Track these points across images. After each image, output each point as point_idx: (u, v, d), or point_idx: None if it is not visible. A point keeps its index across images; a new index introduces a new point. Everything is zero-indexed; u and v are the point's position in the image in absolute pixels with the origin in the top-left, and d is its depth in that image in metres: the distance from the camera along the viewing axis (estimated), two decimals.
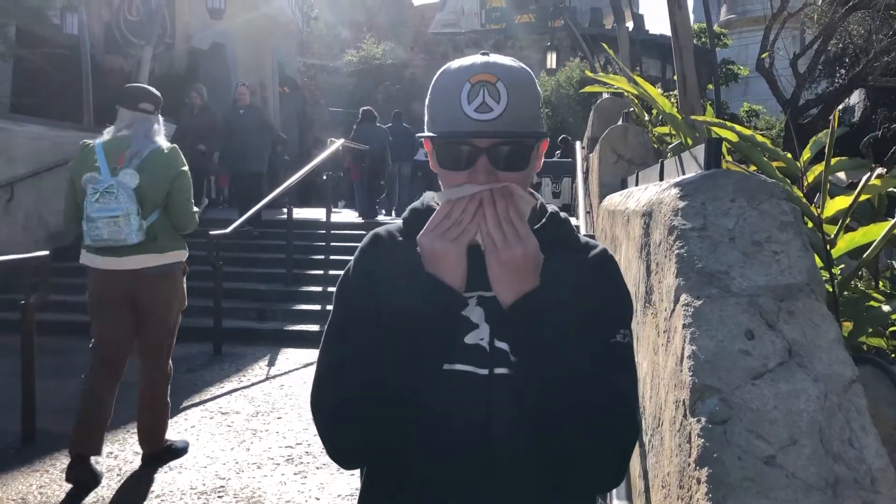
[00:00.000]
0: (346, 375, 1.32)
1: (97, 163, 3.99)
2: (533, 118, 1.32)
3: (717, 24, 28.47)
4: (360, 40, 29.66)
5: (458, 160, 1.29)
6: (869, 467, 1.45)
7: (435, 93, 1.33)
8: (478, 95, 1.26)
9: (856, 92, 13.62)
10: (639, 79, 4.68)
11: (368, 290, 1.37)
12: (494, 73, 1.27)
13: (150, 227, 4.01)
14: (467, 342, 1.32)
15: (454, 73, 1.31)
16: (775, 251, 1.79)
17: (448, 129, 1.28)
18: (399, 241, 1.42)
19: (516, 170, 1.30)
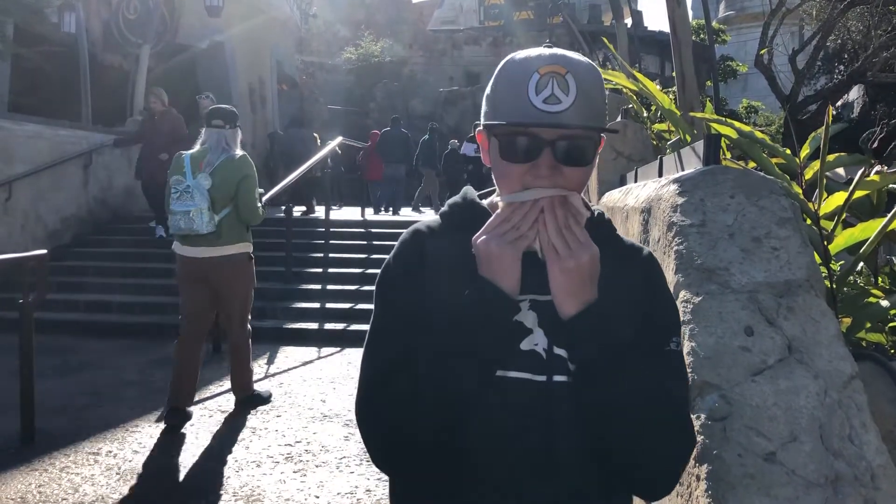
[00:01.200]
0: (398, 380, 1.27)
1: (185, 168, 4.89)
2: (599, 113, 1.28)
3: (716, 20, 28.43)
4: (358, 38, 29.64)
5: (521, 152, 1.25)
6: (869, 464, 1.44)
7: (499, 82, 1.29)
8: (546, 86, 1.22)
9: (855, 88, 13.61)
10: (638, 75, 4.67)
11: (414, 287, 1.31)
12: (564, 65, 1.24)
13: (220, 221, 4.86)
14: (523, 348, 1.28)
15: (521, 63, 1.27)
16: (774, 247, 1.78)
17: (513, 118, 1.24)
18: (441, 236, 1.37)
19: (580, 165, 1.26)
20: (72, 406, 4.34)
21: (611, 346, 1.25)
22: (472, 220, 1.32)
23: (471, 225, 1.31)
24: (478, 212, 1.36)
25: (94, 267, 9.61)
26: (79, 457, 4.43)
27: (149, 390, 5.84)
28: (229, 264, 4.95)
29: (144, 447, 4.66)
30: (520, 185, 1.27)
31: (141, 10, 13.55)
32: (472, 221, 1.31)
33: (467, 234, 1.29)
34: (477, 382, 1.24)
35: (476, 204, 1.38)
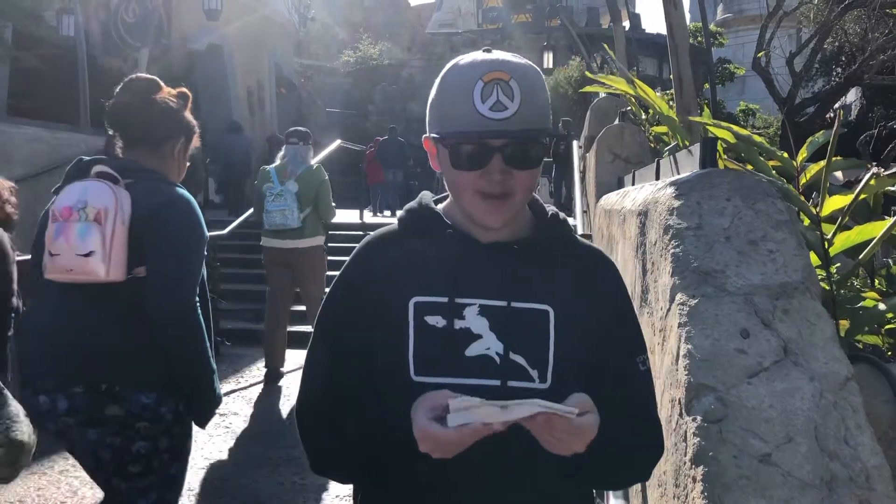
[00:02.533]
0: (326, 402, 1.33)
1: (272, 178, 6.10)
2: (545, 115, 1.30)
3: (714, 23, 28.49)
4: (356, 41, 29.65)
5: (472, 160, 1.26)
6: (864, 465, 1.45)
7: (443, 91, 1.30)
8: (492, 94, 1.23)
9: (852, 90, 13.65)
10: (637, 81, 4.69)
11: (354, 307, 1.35)
12: (507, 70, 1.26)
13: (304, 218, 6.02)
14: (469, 355, 1.28)
15: (463, 70, 1.28)
16: (771, 250, 1.79)
17: (461, 128, 1.25)
18: (395, 243, 1.39)
19: (529, 168, 1.28)
20: None
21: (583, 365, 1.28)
22: (427, 225, 1.36)
23: (425, 229, 1.35)
24: (432, 216, 1.38)
25: None
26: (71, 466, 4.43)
27: None
28: (308, 253, 6.11)
29: None
30: (472, 192, 1.28)
31: (139, 13, 13.56)
32: (427, 226, 1.36)
33: (422, 238, 1.35)
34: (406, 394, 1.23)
35: (430, 209, 1.39)
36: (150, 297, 2.31)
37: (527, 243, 1.35)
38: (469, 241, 1.33)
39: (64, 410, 2.32)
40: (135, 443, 2.34)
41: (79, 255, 2.25)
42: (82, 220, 2.27)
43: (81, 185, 2.35)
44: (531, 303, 1.30)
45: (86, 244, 2.25)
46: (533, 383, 1.27)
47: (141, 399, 2.31)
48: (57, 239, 2.28)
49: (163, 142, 2.58)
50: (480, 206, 1.29)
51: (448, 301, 1.29)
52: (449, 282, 1.30)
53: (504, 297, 1.29)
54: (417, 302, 1.30)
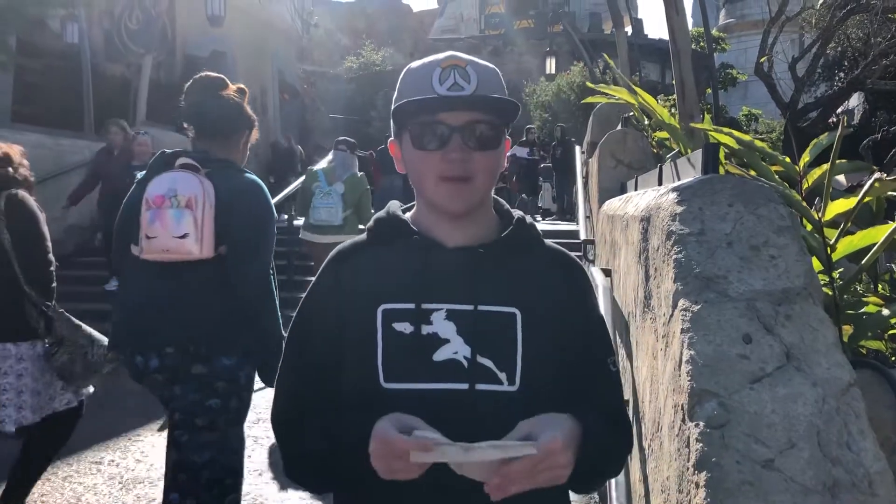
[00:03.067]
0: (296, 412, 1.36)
1: (319, 178, 6.79)
2: (505, 99, 1.33)
3: (716, 28, 28.51)
4: (359, 47, 29.73)
5: (432, 139, 1.29)
6: (867, 471, 1.45)
7: (404, 85, 1.35)
8: (449, 77, 1.28)
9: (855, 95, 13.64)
10: (639, 90, 4.69)
11: (324, 317, 1.36)
12: (462, 59, 1.32)
13: (345, 217, 6.64)
14: (437, 359, 1.28)
15: (421, 64, 1.35)
16: (773, 255, 1.79)
17: (421, 107, 1.29)
18: (362, 253, 1.40)
19: (488, 149, 1.31)
20: None
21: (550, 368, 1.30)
22: (394, 232, 1.38)
23: (392, 237, 1.37)
24: (398, 223, 1.39)
25: (96, 276, 9.63)
26: (81, 466, 4.44)
27: (151, 399, 5.82)
28: None
29: (147, 456, 4.67)
30: (434, 176, 1.30)
31: (143, 20, 13.61)
32: (394, 233, 1.38)
33: (389, 245, 1.37)
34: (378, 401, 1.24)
35: (397, 216, 1.40)
36: (235, 269, 2.69)
37: (492, 246, 1.36)
38: (435, 246, 1.35)
39: (154, 368, 2.70)
40: (210, 399, 2.72)
41: (175, 237, 2.59)
42: (174, 206, 2.60)
43: (170, 176, 2.67)
44: (498, 305, 1.31)
45: (180, 227, 2.59)
46: (501, 385, 1.28)
47: (223, 361, 2.67)
48: (153, 224, 2.62)
49: (233, 133, 2.90)
50: (443, 190, 1.30)
51: (415, 307, 1.30)
52: (415, 288, 1.31)
53: (470, 301, 1.30)
54: (385, 309, 1.31)
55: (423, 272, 1.32)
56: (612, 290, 3.34)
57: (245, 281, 2.70)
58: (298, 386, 1.38)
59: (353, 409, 1.28)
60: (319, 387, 1.34)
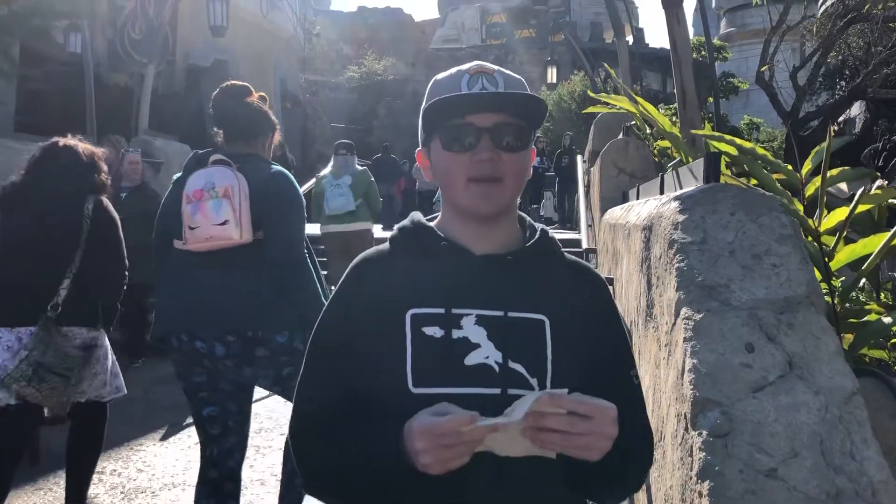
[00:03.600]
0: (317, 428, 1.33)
1: (326, 178, 7.63)
2: (534, 98, 1.34)
3: (717, 37, 28.56)
4: (361, 56, 29.83)
5: (462, 140, 1.31)
6: (870, 479, 1.45)
7: (432, 93, 1.36)
8: (478, 82, 1.31)
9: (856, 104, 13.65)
10: (640, 100, 4.71)
11: (346, 330, 1.35)
12: (490, 67, 1.34)
13: (358, 204, 7.38)
14: (468, 364, 1.28)
15: (448, 74, 1.37)
16: (775, 264, 1.80)
17: (450, 109, 1.30)
18: (386, 263, 1.39)
19: (517, 150, 1.32)
20: None
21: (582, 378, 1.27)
22: (420, 240, 1.37)
23: (419, 244, 1.37)
24: (425, 231, 1.39)
25: None
26: None
27: (153, 408, 5.84)
28: (362, 235, 7.33)
29: (149, 465, 4.66)
30: (464, 179, 1.31)
31: (146, 30, 13.66)
32: (420, 241, 1.37)
33: (415, 254, 1.36)
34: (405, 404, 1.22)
35: (423, 224, 1.40)
36: (273, 250, 2.90)
37: (520, 255, 1.36)
38: (463, 253, 1.35)
39: (222, 355, 2.87)
40: (284, 369, 2.93)
41: (215, 224, 2.82)
42: (213, 197, 2.83)
43: (205, 171, 2.92)
44: (527, 312, 1.31)
45: (220, 215, 2.82)
46: (533, 391, 1.26)
47: (277, 339, 2.86)
48: (195, 215, 2.84)
49: (258, 136, 3.15)
50: (473, 192, 1.31)
51: (445, 311, 1.29)
52: (444, 293, 1.31)
53: (500, 307, 1.30)
54: (414, 314, 1.29)
55: (451, 277, 1.32)
56: (615, 299, 3.33)
57: (283, 259, 2.92)
58: (321, 396, 1.35)
59: (381, 418, 1.25)
60: (343, 396, 1.32)
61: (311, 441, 1.34)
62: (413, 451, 1.15)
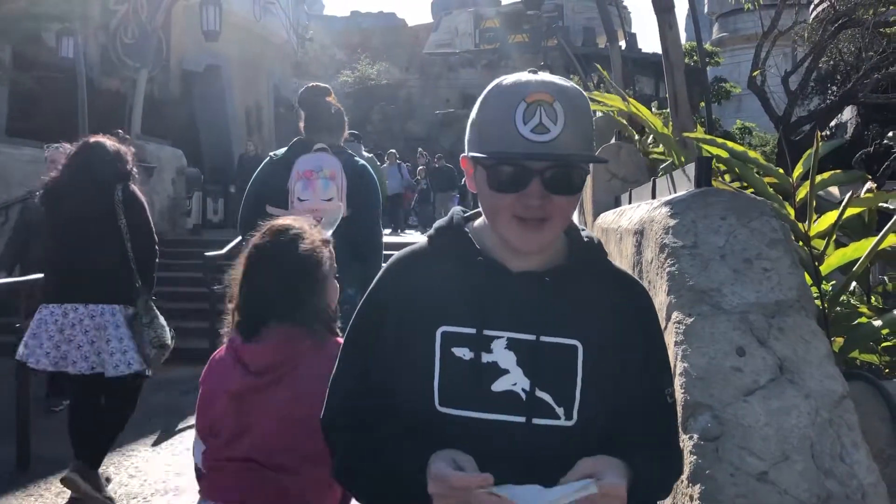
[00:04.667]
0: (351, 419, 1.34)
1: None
2: (587, 140, 1.27)
3: (710, 42, 28.67)
4: (355, 61, 29.84)
5: (510, 182, 1.23)
6: (860, 482, 1.46)
7: (485, 110, 1.26)
8: (534, 115, 1.20)
9: (847, 108, 13.71)
10: (632, 100, 4.72)
11: (382, 324, 1.33)
12: (551, 92, 1.22)
13: None
14: (495, 390, 1.25)
15: (507, 89, 1.25)
16: (765, 268, 1.80)
17: (501, 149, 1.22)
18: (424, 264, 1.36)
19: (568, 193, 1.25)
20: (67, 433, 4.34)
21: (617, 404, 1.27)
22: (457, 248, 1.33)
23: (455, 252, 1.32)
24: (462, 240, 1.34)
25: None
26: None
27: (145, 414, 5.80)
28: None
29: (141, 471, 4.64)
30: (509, 215, 1.25)
31: (138, 35, 13.63)
32: (457, 249, 1.32)
33: (451, 261, 1.31)
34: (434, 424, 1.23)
35: (461, 230, 1.36)
36: (360, 225, 3.45)
37: (558, 273, 1.31)
38: (499, 270, 1.30)
39: None
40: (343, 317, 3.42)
41: (323, 200, 3.39)
42: (322, 177, 3.41)
43: (314, 156, 3.47)
44: (560, 337, 1.27)
45: (327, 193, 3.40)
46: (559, 420, 1.25)
47: (348, 291, 3.03)
48: (305, 191, 3.40)
49: (337, 129, 3.67)
50: (516, 230, 1.25)
51: (476, 333, 1.26)
52: (477, 312, 1.27)
53: (533, 331, 1.26)
54: (445, 332, 1.27)
55: (485, 296, 1.28)
56: None
57: (367, 233, 3.50)
58: (354, 392, 1.35)
59: (408, 431, 1.26)
60: (375, 397, 1.31)
61: (344, 439, 1.35)
62: (428, 488, 1.17)
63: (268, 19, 18.58)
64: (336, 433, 1.37)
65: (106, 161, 4.07)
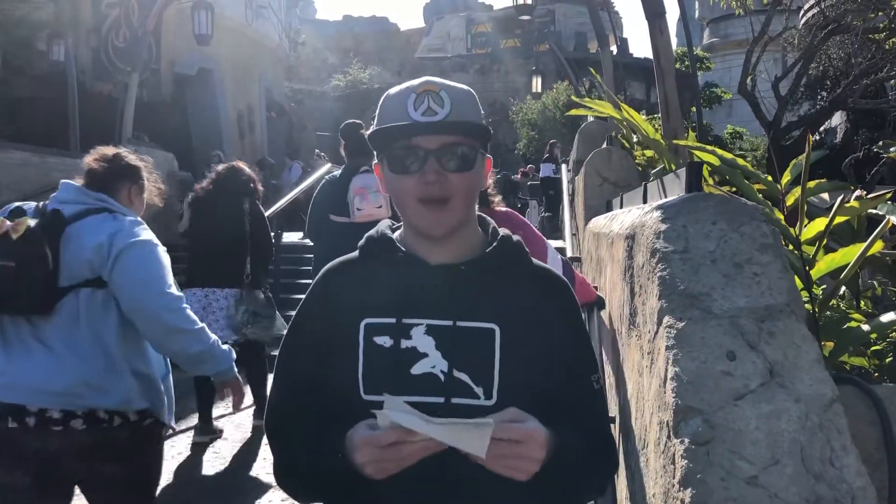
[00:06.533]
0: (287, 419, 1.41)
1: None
2: (475, 123, 1.37)
3: (701, 47, 28.81)
4: (347, 65, 29.86)
5: (408, 162, 1.33)
6: (850, 486, 1.46)
7: (382, 110, 1.39)
8: (423, 103, 1.32)
9: (837, 114, 13.79)
10: (624, 106, 4.74)
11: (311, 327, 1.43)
12: (437, 85, 1.35)
13: None
14: (414, 373, 1.33)
15: (398, 90, 1.38)
16: (756, 273, 1.81)
17: (396, 132, 1.33)
18: (352, 269, 1.46)
19: (463, 171, 1.34)
20: None
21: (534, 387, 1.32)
22: (380, 249, 1.43)
23: (379, 254, 1.42)
24: (385, 241, 1.44)
25: None
26: None
27: None
28: None
29: None
30: (413, 199, 1.34)
31: (130, 38, 13.61)
32: (380, 250, 1.43)
33: (375, 262, 1.42)
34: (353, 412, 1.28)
35: (385, 235, 1.45)
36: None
37: (475, 264, 1.39)
38: (418, 263, 1.39)
39: None
40: None
41: (376, 208, 4.44)
42: (372, 192, 4.48)
43: (362, 177, 4.58)
44: (477, 321, 1.35)
45: (377, 202, 4.48)
46: (478, 400, 1.31)
47: None
48: (362, 202, 4.48)
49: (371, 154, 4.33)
50: (423, 213, 1.35)
51: (396, 322, 1.34)
52: (397, 303, 1.35)
53: (450, 317, 1.34)
54: (367, 323, 1.36)
55: (405, 287, 1.37)
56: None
57: None
58: (288, 394, 1.43)
59: (336, 421, 1.31)
60: (307, 396, 1.39)
61: (279, 439, 1.43)
62: (356, 462, 1.21)
63: (260, 23, 18.58)
64: (274, 435, 1.45)
65: (241, 181, 5.40)
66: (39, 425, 2.41)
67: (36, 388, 2.42)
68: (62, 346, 2.47)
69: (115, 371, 2.50)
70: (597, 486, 1.46)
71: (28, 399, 2.42)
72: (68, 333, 2.49)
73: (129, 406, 2.52)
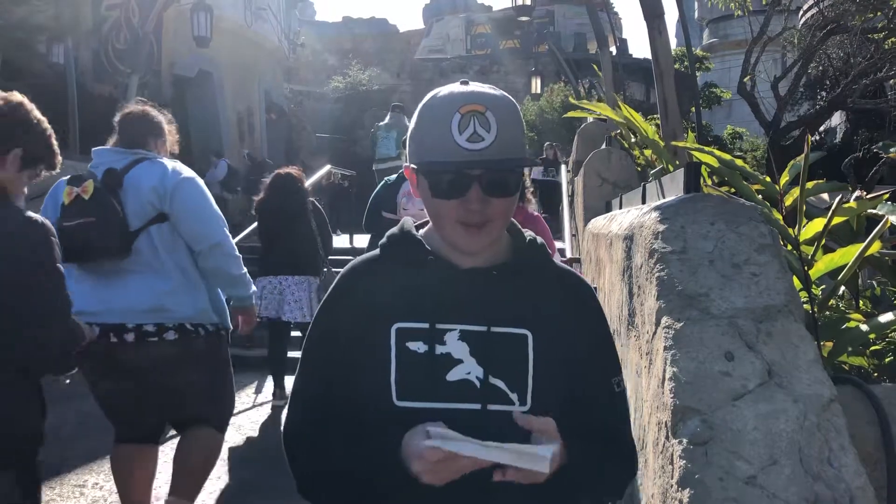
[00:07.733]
0: (313, 428, 1.36)
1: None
2: (521, 144, 1.34)
3: (700, 48, 28.79)
4: (346, 67, 29.84)
5: (451, 189, 1.30)
6: (848, 486, 1.46)
7: (422, 123, 1.34)
8: (469, 125, 1.27)
9: (837, 114, 13.79)
10: (623, 106, 4.74)
11: (336, 336, 1.38)
12: (482, 102, 1.29)
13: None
14: (450, 379, 1.31)
15: (441, 102, 1.32)
16: (754, 273, 1.81)
17: (440, 158, 1.29)
18: (376, 272, 1.42)
19: (506, 195, 1.32)
20: (57, 437, 4.29)
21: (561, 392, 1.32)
22: (408, 252, 1.39)
23: (407, 256, 1.39)
24: (413, 243, 1.40)
25: None
26: (64, 489, 4.39)
27: None
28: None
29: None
30: (452, 221, 1.31)
31: (130, 40, 13.60)
32: (408, 252, 1.39)
33: (403, 265, 1.38)
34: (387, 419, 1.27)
35: (412, 235, 1.42)
36: None
37: (505, 268, 1.38)
38: (449, 268, 1.37)
39: None
40: None
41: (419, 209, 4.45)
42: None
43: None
44: (510, 327, 1.33)
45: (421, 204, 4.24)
46: (513, 406, 1.30)
47: None
48: (409, 203, 4.44)
49: None
50: (461, 233, 1.32)
51: (429, 327, 1.32)
52: (429, 308, 1.33)
53: (484, 322, 1.32)
54: (399, 328, 1.33)
55: (437, 293, 1.34)
56: None
57: None
58: (314, 400, 1.39)
59: (368, 428, 1.29)
60: (335, 402, 1.36)
61: (307, 446, 1.38)
62: (414, 469, 1.20)
63: (259, 25, 18.56)
64: (297, 441, 1.40)
65: (296, 185, 6.24)
66: (138, 339, 3.00)
67: (130, 308, 3.00)
68: (147, 271, 3.04)
69: (193, 286, 3.12)
70: (612, 490, 1.44)
71: (126, 318, 3.00)
72: (149, 262, 3.06)
73: (207, 318, 3.17)
